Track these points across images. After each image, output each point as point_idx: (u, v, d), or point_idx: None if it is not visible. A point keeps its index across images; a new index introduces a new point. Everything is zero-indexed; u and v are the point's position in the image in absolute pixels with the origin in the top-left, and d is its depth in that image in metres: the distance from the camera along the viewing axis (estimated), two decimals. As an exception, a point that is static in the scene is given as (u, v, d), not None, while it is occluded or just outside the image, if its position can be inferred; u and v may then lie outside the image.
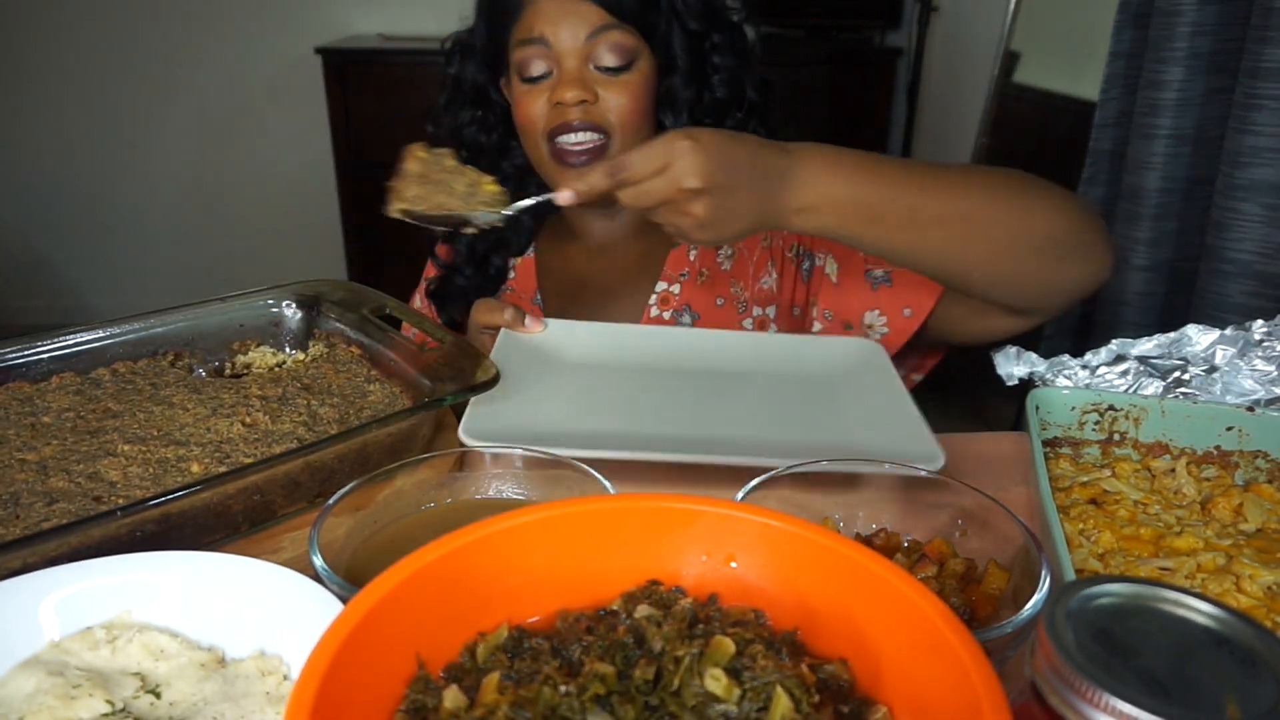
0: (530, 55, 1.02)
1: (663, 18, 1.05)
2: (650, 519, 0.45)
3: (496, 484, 0.69)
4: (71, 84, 3.39)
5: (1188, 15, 1.33)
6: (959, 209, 0.84)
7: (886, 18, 3.37)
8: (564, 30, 1.00)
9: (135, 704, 0.49)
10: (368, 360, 0.90)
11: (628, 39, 1.02)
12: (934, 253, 0.86)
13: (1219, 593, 0.60)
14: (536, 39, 1.01)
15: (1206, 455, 0.77)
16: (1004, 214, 0.84)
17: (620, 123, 1.03)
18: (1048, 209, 0.86)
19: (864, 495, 0.67)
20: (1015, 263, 0.86)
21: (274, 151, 3.54)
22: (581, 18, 1.00)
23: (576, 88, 1.00)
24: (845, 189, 0.81)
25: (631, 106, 1.03)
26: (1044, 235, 0.85)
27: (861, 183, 0.82)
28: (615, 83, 1.02)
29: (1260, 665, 0.33)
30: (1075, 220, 0.86)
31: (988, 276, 0.88)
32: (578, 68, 1.01)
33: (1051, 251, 0.86)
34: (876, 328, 1.05)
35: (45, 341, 0.86)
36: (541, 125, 1.04)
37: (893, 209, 0.82)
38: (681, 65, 1.07)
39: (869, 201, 0.82)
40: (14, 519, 0.64)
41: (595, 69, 1.02)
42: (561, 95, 1.01)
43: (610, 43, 1.01)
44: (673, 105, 1.08)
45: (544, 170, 1.08)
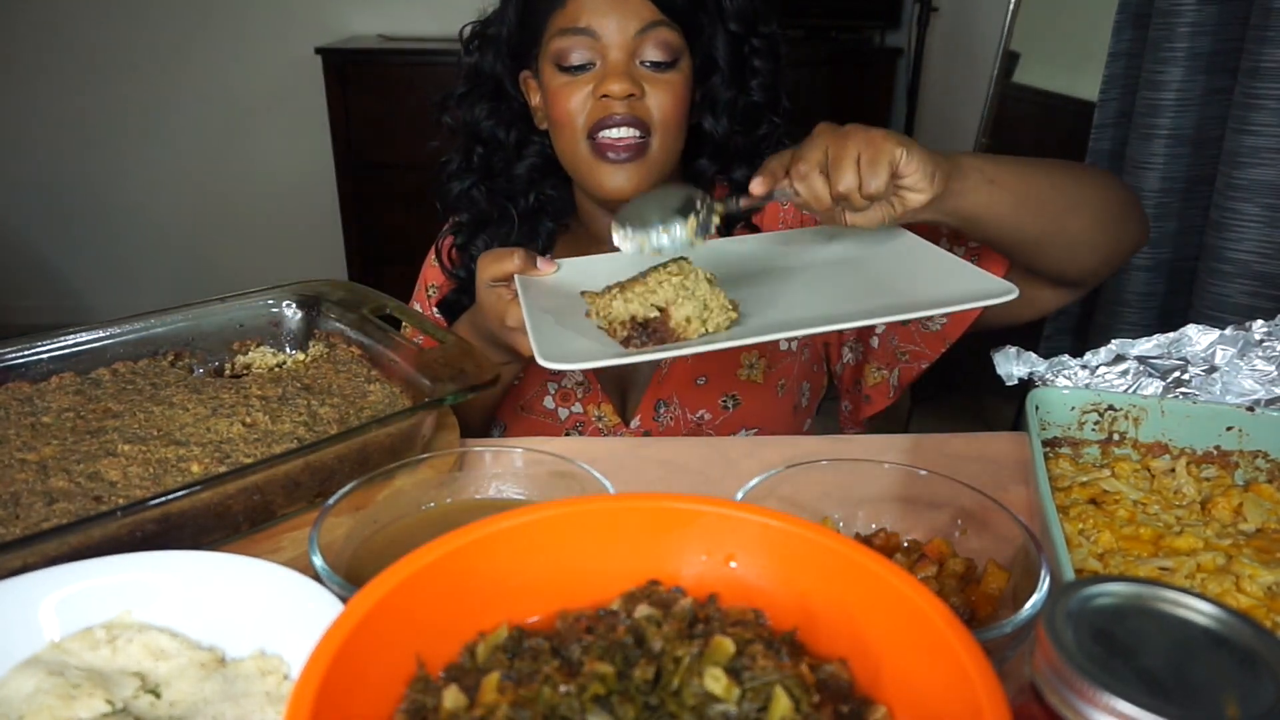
0: (573, 45, 1.00)
1: (708, 17, 1.04)
2: (650, 519, 0.45)
3: (496, 484, 0.69)
4: (72, 84, 3.39)
5: (1187, 15, 1.33)
6: (1061, 180, 0.90)
7: (886, 18, 3.37)
8: (613, 22, 0.99)
9: (135, 704, 0.49)
10: (368, 360, 0.90)
11: (674, 37, 1.00)
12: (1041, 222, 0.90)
13: (1219, 593, 0.60)
14: (583, 29, 0.99)
15: (1206, 455, 0.77)
16: (1083, 183, 0.92)
17: (662, 121, 1.01)
18: (1108, 181, 0.95)
19: (865, 494, 0.67)
20: (1098, 226, 0.93)
21: (274, 151, 3.54)
22: (632, 11, 0.99)
23: (625, 80, 0.98)
24: (993, 166, 0.87)
25: (674, 105, 1.01)
26: (1114, 202, 0.93)
27: (994, 157, 0.88)
28: (660, 80, 1.00)
29: (1260, 665, 0.33)
30: (1123, 190, 0.96)
31: (1078, 240, 0.93)
32: (625, 61, 0.99)
33: (1120, 217, 0.94)
34: (937, 318, 1.05)
35: (45, 341, 0.86)
36: (582, 119, 1.01)
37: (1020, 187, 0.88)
38: (723, 66, 1.06)
39: (1013, 169, 0.88)
40: (14, 519, 0.64)
41: (640, 64, 1.00)
42: (609, 88, 0.98)
43: (658, 39, 0.99)
44: (713, 107, 1.07)
45: (581, 165, 1.03)
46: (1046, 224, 0.90)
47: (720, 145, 1.10)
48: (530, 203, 1.13)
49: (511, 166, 1.11)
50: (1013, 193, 0.87)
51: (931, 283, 0.81)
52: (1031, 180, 0.88)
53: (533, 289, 0.86)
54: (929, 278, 0.82)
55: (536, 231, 1.14)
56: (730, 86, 1.07)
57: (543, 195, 1.13)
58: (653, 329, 0.75)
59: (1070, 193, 0.90)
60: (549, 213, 1.15)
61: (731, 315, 0.77)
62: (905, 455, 0.88)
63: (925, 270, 0.84)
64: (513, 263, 0.89)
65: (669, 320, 0.75)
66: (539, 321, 0.78)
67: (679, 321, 0.75)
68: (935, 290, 0.78)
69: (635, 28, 0.99)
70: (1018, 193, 0.87)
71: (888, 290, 0.82)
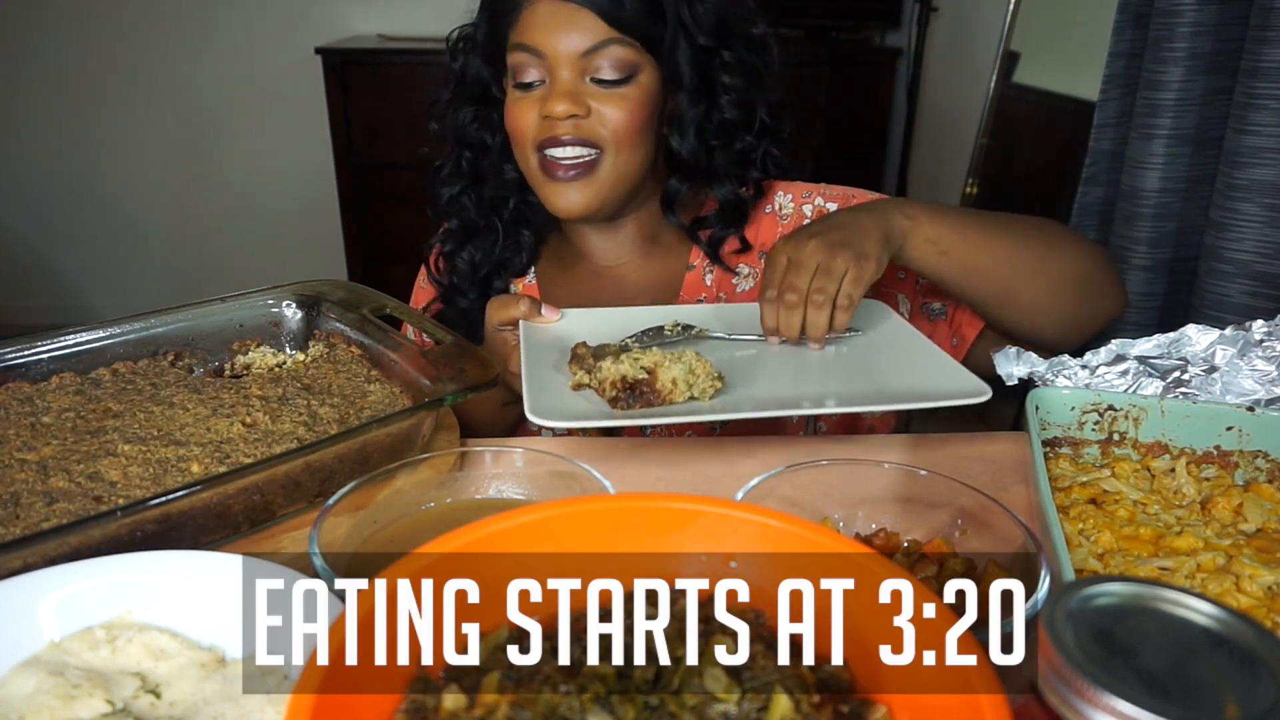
0: (524, 62, 0.98)
1: (669, 30, 0.99)
2: (650, 519, 0.45)
3: (496, 484, 0.69)
4: (71, 84, 3.39)
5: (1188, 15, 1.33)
6: (1020, 248, 0.94)
7: (886, 18, 3.37)
8: (560, 41, 0.95)
9: (135, 704, 0.49)
10: (368, 360, 0.90)
11: (629, 53, 0.96)
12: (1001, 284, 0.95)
13: (1219, 593, 0.60)
14: (530, 47, 0.97)
15: (1206, 455, 0.77)
16: (1048, 251, 0.95)
17: (614, 138, 0.98)
18: (1079, 250, 0.98)
19: (865, 494, 0.67)
20: (1056, 296, 0.95)
21: (274, 152, 3.54)
22: (580, 29, 0.95)
23: (566, 101, 0.95)
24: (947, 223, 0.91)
25: (627, 121, 0.98)
26: (1079, 272, 0.96)
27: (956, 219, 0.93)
28: (612, 95, 0.97)
29: (1260, 665, 0.33)
30: (1101, 260, 0.99)
31: (1032, 308, 0.96)
32: (572, 80, 0.97)
33: (1085, 287, 0.97)
34: None
35: (45, 341, 0.86)
36: (531, 136, 0.99)
37: (971, 258, 0.92)
38: (688, 82, 1.01)
39: (969, 236, 0.92)
40: (14, 519, 0.64)
41: (592, 80, 0.97)
42: (551, 109, 0.96)
43: (610, 57, 0.96)
44: (678, 124, 1.03)
45: (533, 181, 1.03)
46: (996, 292, 0.95)
47: (690, 163, 1.05)
48: (512, 210, 1.12)
49: (501, 172, 1.10)
50: (961, 264, 0.92)
51: (913, 372, 0.85)
52: (987, 249, 0.93)
53: (536, 335, 0.91)
54: (911, 367, 0.86)
55: (520, 244, 1.14)
56: (698, 102, 1.02)
57: (524, 204, 1.12)
58: (640, 390, 0.78)
59: (1028, 262, 0.94)
60: (530, 223, 1.14)
61: (717, 384, 0.80)
62: (905, 455, 0.88)
63: (908, 358, 0.88)
64: (518, 309, 0.93)
65: (656, 382, 0.78)
66: (535, 372, 0.82)
67: (665, 383, 0.78)
68: (915, 380, 0.83)
69: (583, 47, 0.95)
70: (967, 264, 0.92)
71: (870, 375, 0.86)
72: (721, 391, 0.80)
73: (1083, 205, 1.58)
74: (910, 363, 0.87)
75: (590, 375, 0.80)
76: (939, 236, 0.90)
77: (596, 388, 0.80)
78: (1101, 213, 1.57)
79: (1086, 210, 1.59)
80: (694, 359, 0.80)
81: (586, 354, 0.83)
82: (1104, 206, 1.56)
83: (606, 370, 0.78)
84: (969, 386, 0.78)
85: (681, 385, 0.78)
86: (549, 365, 0.85)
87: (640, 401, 0.78)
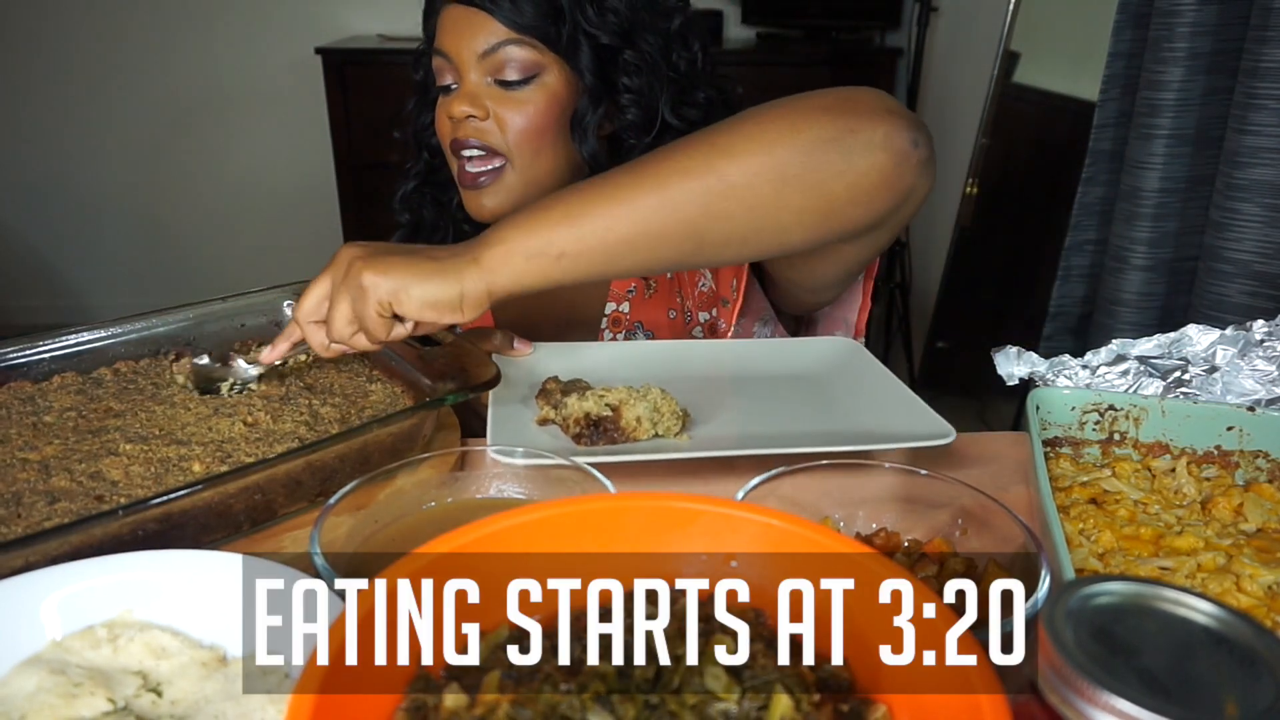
0: (439, 66, 0.99)
1: (567, 30, 0.95)
2: (650, 519, 0.45)
3: (497, 484, 0.69)
4: (71, 84, 3.39)
5: (1188, 15, 1.33)
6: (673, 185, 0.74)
7: (886, 18, 3.37)
8: (463, 43, 0.96)
9: (137, 703, 0.49)
10: (369, 360, 0.90)
11: (529, 54, 0.95)
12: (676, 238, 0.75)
13: (1219, 592, 0.60)
14: (442, 51, 0.98)
15: (1207, 455, 0.77)
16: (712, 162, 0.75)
17: (515, 143, 0.97)
18: (766, 137, 0.75)
19: (865, 494, 0.67)
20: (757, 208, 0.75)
21: (274, 152, 3.54)
22: (479, 30, 0.95)
23: (465, 102, 0.96)
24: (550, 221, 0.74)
25: (525, 125, 0.96)
26: (777, 164, 0.75)
27: (564, 207, 0.75)
28: (512, 98, 0.96)
29: (1260, 665, 0.33)
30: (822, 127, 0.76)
31: (740, 237, 0.78)
32: (475, 82, 0.96)
33: (799, 178, 0.75)
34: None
35: (47, 341, 0.86)
36: (447, 139, 1.00)
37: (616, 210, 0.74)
38: (587, 83, 0.98)
39: (592, 213, 0.74)
40: (16, 518, 0.64)
41: (495, 83, 0.96)
42: (451, 110, 0.97)
43: (508, 58, 0.95)
44: (577, 126, 1.00)
45: (460, 187, 1.03)
46: (679, 249, 0.76)
47: (593, 166, 1.00)
48: (454, 210, 1.12)
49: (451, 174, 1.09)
50: (603, 252, 0.74)
51: (880, 412, 0.85)
52: (625, 215, 0.74)
53: (507, 368, 0.90)
54: (878, 407, 0.86)
55: None
56: (598, 104, 0.99)
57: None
58: (604, 427, 0.79)
59: (693, 192, 0.74)
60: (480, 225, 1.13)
61: (683, 422, 0.81)
62: (905, 455, 0.88)
63: (874, 399, 0.88)
64: (491, 342, 0.94)
65: (620, 419, 0.79)
66: (502, 406, 0.83)
67: (629, 421, 0.79)
68: (881, 420, 0.83)
69: (481, 48, 0.95)
70: (609, 248, 0.74)
71: (835, 415, 0.87)
72: (687, 428, 0.82)
73: (1083, 205, 1.59)
74: (877, 404, 0.87)
75: (555, 411, 0.81)
76: (544, 244, 0.73)
77: (561, 424, 0.81)
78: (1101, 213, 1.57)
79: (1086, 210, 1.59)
80: (659, 396, 0.80)
81: (555, 389, 0.83)
82: (1104, 206, 1.56)
83: (571, 406, 0.79)
84: (935, 429, 0.79)
85: (646, 423, 0.79)
86: (517, 399, 0.86)
87: (604, 439, 0.79)
